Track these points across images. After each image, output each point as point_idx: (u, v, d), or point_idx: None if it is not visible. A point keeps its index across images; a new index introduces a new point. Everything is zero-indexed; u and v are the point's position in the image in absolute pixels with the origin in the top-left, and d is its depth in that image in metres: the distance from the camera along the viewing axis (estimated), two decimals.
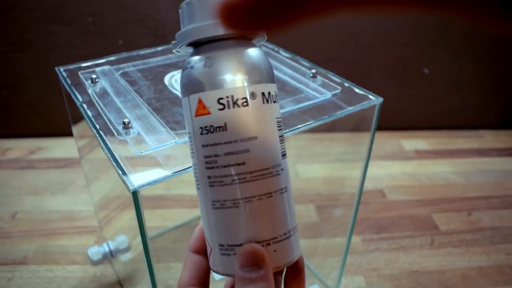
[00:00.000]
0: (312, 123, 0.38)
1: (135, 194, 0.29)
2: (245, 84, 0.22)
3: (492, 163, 0.86)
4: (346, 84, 0.45)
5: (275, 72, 0.47)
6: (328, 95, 0.42)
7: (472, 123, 0.98)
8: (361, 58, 0.87)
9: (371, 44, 0.86)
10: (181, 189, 0.72)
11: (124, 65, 0.48)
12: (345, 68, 0.86)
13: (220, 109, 0.21)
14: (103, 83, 0.43)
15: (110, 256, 0.54)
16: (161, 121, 0.36)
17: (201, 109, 0.22)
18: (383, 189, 0.77)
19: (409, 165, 0.84)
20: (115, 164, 0.31)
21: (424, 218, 0.70)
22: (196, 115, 0.22)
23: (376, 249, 0.63)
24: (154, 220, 0.68)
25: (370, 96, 0.42)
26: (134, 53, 0.51)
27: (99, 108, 0.38)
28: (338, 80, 0.46)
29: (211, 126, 0.21)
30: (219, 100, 0.21)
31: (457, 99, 0.95)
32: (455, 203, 0.74)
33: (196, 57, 0.22)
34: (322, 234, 0.66)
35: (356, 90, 0.44)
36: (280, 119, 0.23)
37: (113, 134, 0.34)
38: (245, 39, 0.23)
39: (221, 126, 0.21)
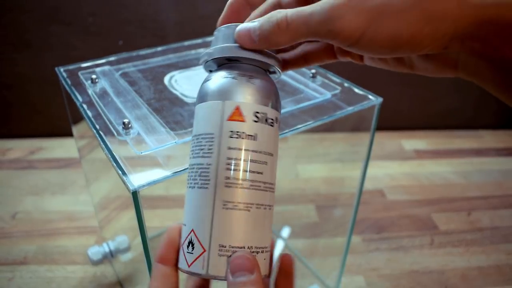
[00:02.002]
0: (312, 123, 0.38)
1: (135, 194, 0.29)
2: (273, 108, 0.25)
3: (491, 163, 0.86)
4: (345, 84, 0.45)
5: None
6: (327, 95, 0.42)
7: (471, 123, 0.98)
8: None
9: None
10: (181, 189, 0.72)
11: (124, 65, 0.48)
12: (345, 68, 0.86)
13: (255, 121, 0.24)
14: (103, 83, 0.43)
15: (110, 256, 0.55)
16: (161, 121, 0.36)
17: (237, 116, 0.24)
18: (383, 189, 0.77)
19: (409, 165, 0.84)
20: (115, 164, 0.31)
21: (423, 218, 0.70)
22: (229, 119, 0.24)
23: (376, 249, 0.64)
24: (154, 220, 0.68)
25: (370, 96, 0.42)
26: (134, 53, 0.51)
27: (99, 108, 0.38)
28: (337, 80, 0.46)
29: (243, 132, 0.23)
30: (255, 113, 0.24)
31: (457, 99, 0.95)
32: (455, 203, 0.74)
33: (237, 72, 0.25)
34: (322, 234, 0.67)
35: (356, 90, 0.44)
36: None
37: (113, 134, 0.34)
38: (270, 72, 0.27)
39: (252, 136, 0.24)
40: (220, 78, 0.25)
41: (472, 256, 0.63)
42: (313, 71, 0.46)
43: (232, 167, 0.23)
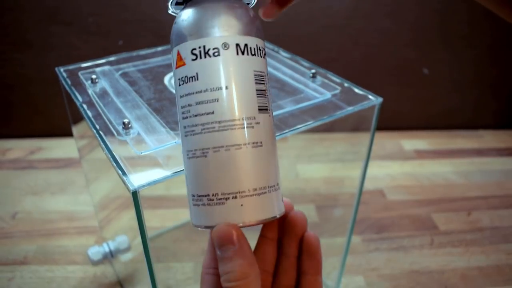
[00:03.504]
0: (312, 123, 0.38)
1: (135, 194, 0.29)
2: (217, 34, 0.22)
3: (491, 163, 0.86)
4: (345, 84, 0.45)
5: (275, 72, 0.47)
6: (327, 95, 0.42)
7: (471, 123, 0.98)
8: (361, 58, 0.87)
9: (371, 44, 0.86)
10: (181, 189, 0.72)
11: (124, 65, 0.48)
12: (345, 68, 0.86)
13: (193, 59, 0.22)
14: (103, 83, 0.43)
15: (110, 256, 0.55)
16: (161, 121, 0.36)
17: (179, 61, 0.23)
18: (383, 189, 0.77)
19: (409, 165, 0.84)
20: (115, 164, 0.31)
21: (424, 218, 0.70)
22: (176, 67, 0.23)
23: (376, 249, 0.63)
24: (154, 220, 0.68)
25: (370, 96, 0.42)
26: (134, 53, 0.51)
27: (99, 109, 0.38)
28: (337, 80, 0.46)
29: (185, 76, 0.22)
30: (192, 51, 0.22)
31: (457, 99, 0.95)
32: (455, 203, 0.74)
33: (179, 12, 0.24)
34: (322, 234, 0.66)
35: (356, 90, 0.44)
36: (262, 74, 0.23)
37: (113, 134, 0.34)
38: None
39: (194, 76, 0.22)
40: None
41: (472, 256, 0.63)
42: (313, 71, 0.46)
43: (185, 115, 0.23)
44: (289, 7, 0.29)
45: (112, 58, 0.49)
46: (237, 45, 0.22)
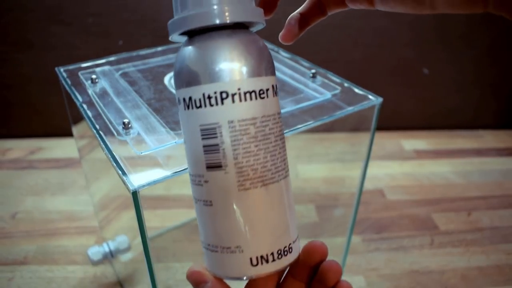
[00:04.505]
0: (311, 123, 0.38)
1: (135, 194, 0.29)
2: (181, 87, 0.21)
3: (491, 163, 0.86)
4: (345, 84, 0.45)
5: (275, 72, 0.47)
6: (327, 95, 0.42)
7: (471, 123, 0.98)
8: (361, 58, 0.87)
9: (371, 44, 0.86)
10: (181, 189, 0.72)
11: (124, 65, 0.48)
12: (345, 68, 0.86)
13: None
14: (103, 83, 0.43)
15: (110, 256, 0.55)
16: (161, 121, 0.36)
17: None
18: (383, 189, 0.77)
19: (409, 165, 0.84)
20: (115, 164, 0.31)
21: (423, 218, 0.70)
22: None
23: (376, 249, 0.63)
24: (154, 220, 0.68)
25: (370, 96, 0.42)
26: (134, 53, 0.51)
27: (99, 109, 0.38)
28: (337, 80, 0.46)
29: None
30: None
31: (457, 99, 0.95)
32: (455, 203, 0.74)
33: None
34: (322, 234, 0.66)
35: (356, 90, 0.44)
36: (211, 127, 0.20)
37: (113, 134, 0.34)
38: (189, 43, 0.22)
39: None
40: None
41: (472, 256, 0.63)
42: (313, 71, 0.46)
43: None
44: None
45: (112, 58, 0.49)
46: (183, 99, 0.21)
